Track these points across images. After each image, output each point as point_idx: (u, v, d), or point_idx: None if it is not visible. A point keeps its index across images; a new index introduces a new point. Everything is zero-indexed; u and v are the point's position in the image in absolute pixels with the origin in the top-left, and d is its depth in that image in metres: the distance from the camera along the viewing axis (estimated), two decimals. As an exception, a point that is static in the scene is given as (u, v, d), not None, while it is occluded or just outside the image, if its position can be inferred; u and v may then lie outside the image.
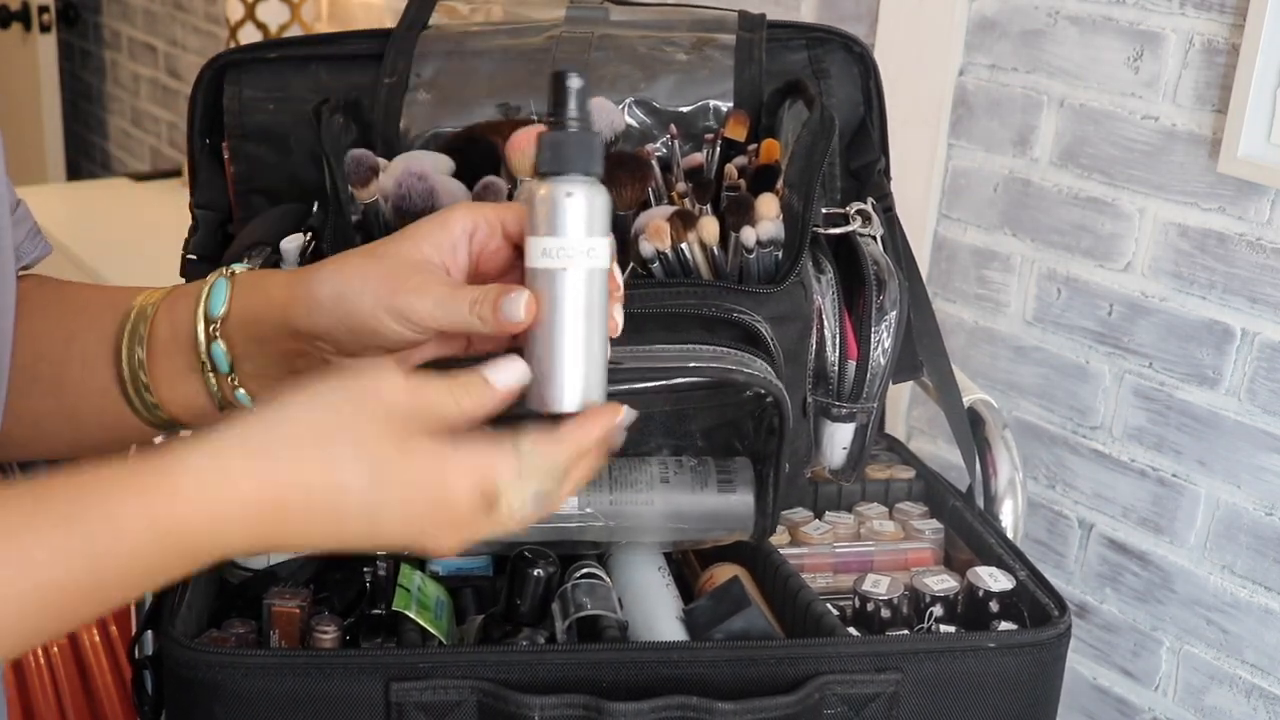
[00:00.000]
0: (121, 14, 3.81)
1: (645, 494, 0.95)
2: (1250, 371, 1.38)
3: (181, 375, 0.79)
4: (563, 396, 0.75)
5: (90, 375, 0.80)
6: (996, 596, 0.99)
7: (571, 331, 0.75)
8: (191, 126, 1.12)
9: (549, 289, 0.74)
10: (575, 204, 0.74)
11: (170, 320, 0.79)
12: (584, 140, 0.75)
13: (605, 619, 0.94)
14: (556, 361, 0.75)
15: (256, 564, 1.02)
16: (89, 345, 0.81)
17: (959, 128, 1.62)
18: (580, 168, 0.75)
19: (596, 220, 0.75)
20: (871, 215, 1.04)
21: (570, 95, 0.75)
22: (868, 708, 0.91)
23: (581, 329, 0.75)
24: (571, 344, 0.75)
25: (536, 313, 0.74)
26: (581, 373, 0.75)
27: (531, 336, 0.75)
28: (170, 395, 0.80)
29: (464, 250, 0.77)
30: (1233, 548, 1.42)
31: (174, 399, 0.80)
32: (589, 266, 0.74)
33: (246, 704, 0.87)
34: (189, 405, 0.80)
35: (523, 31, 1.13)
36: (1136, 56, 1.43)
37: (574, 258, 0.74)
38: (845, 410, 0.99)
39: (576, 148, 0.75)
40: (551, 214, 0.74)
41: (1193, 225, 1.41)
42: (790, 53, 1.14)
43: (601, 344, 0.76)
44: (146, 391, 0.79)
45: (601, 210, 0.75)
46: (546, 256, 0.74)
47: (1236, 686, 1.43)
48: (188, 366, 0.79)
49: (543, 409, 0.75)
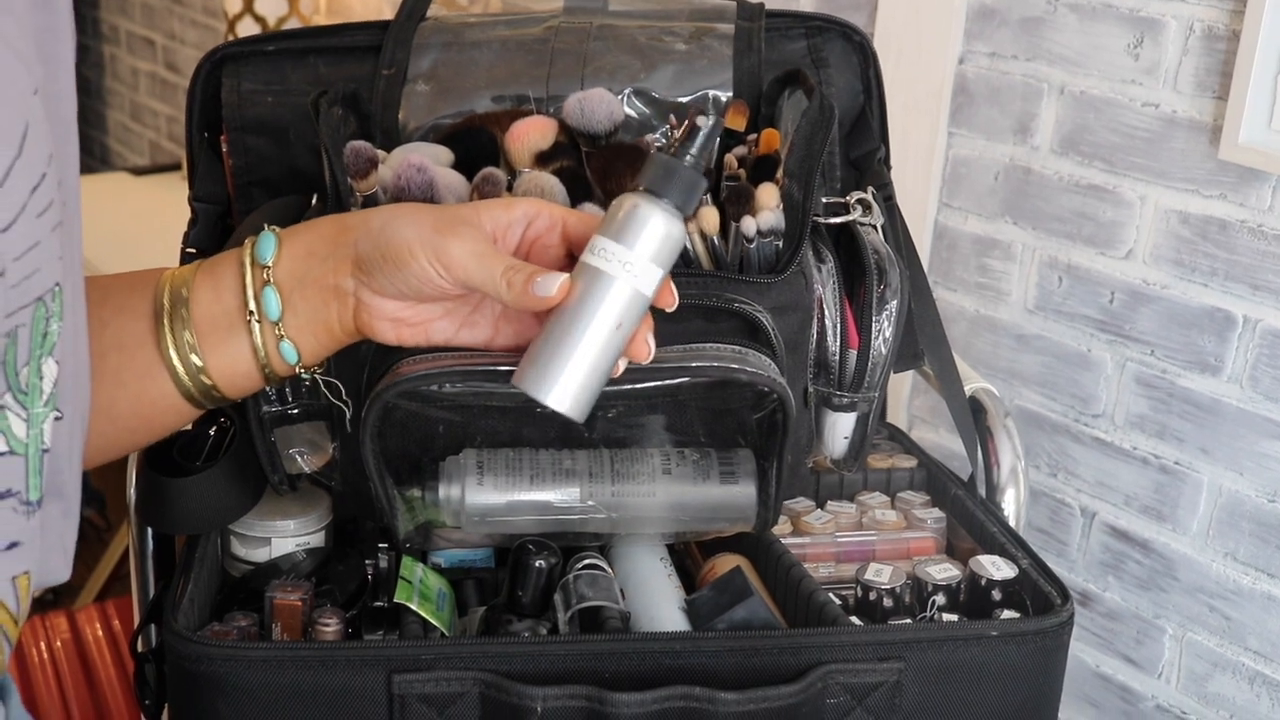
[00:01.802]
0: (120, 8, 3.81)
1: (647, 485, 0.95)
2: (1252, 358, 1.38)
3: (225, 341, 0.82)
4: (552, 389, 0.76)
5: (129, 360, 0.82)
6: (999, 585, 0.99)
7: (591, 335, 0.76)
8: (190, 120, 1.12)
9: (591, 287, 0.76)
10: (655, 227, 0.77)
11: (213, 285, 0.82)
12: (691, 178, 0.78)
13: (607, 610, 0.94)
14: (563, 355, 0.76)
15: (258, 557, 1.02)
16: (124, 330, 0.82)
17: (959, 116, 1.61)
18: (676, 200, 0.78)
19: (665, 252, 0.78)
20: (872, 204, 1.03)
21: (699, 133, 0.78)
22: (870, 697, 0.91)
23: (600, 338, 0.76)
24: (585, 346, 0.76)
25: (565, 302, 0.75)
26: (580, 378, 0.76)
27: (552, 322, 0.76)
28: (218, 364, 0.82)
29: (518, 232, 0.80)
30: (1235, 535, 1.42)
31: (221, 368, 0.82)
32: (637, 287, 0.77)
33: (249, 697, 0.87)
34: (233, 373, 0.83)
35: (521, 23, 1.13)
36: (1137, 43, 1.42)
37: (628, 271, 0.76)
38: (847, 400, 0.99)
39: (683, 181, 0.78)
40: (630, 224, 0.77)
41: (1194, 212, 1.40)
42: (789, 42, 1.14)
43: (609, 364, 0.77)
44: (203, 375, 0.82)
45: (674, 246, 0.78)
46: (603, 258, 0.77)
47: (1239, 673, 1.43)
48: (231, 328, 0.81)
49: (528, 391, 0.76)
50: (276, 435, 0.96)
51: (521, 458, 0.95)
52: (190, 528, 0.99)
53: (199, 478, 0.97)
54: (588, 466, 0.95)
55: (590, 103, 1.04)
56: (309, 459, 0.98)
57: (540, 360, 0.76)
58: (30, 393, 0.66)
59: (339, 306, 0.81)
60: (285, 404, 0.95)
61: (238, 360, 0.82)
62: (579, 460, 0.95)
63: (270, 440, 0.96)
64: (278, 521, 1.02)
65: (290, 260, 0.81)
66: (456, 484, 0.93)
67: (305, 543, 1.03)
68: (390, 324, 0.81)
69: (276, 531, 1.02)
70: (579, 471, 0.94)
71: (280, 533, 1.02)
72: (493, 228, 0.79)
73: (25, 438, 0.66)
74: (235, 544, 1.03)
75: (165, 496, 0.97)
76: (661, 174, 0.78)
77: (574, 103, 1.04)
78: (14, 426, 0.66)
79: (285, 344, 0.82)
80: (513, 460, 0.94)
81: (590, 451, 0.95)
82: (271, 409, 0.95)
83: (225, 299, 0.82)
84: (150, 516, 1.01)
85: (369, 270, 0.79)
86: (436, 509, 0.94)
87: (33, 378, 0.66)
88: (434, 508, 0.94)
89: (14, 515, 0.66)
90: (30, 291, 0.64)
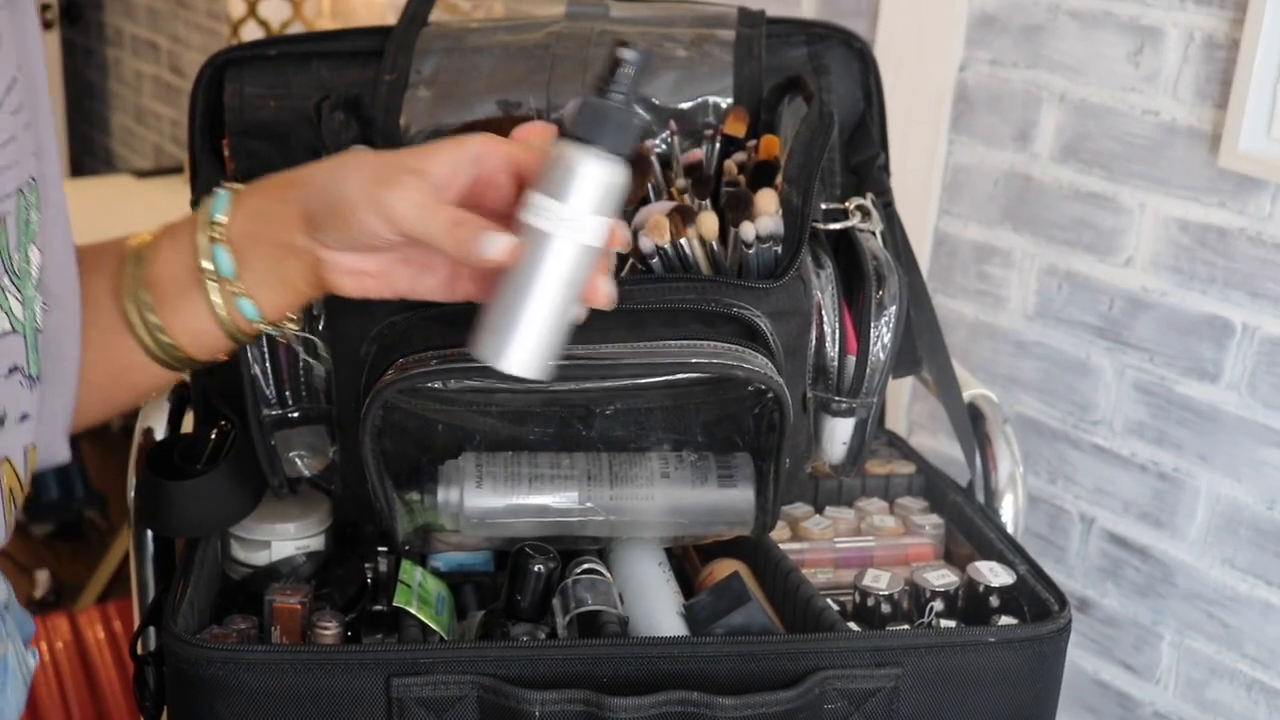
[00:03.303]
0: (124, 11, 3.81)
1: (646, 489, 0.95)
2: (1250, 366, 1.38)
3: (183, 299, 0.82)
4: (508, 355, 0.73)
5: (95, 317, 0.83)
6: (997, 591, 0.99)
7: (540, 296, 0.72)
8: (193, 123, 1.12)
9: (535, 248, 0.72)
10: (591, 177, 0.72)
11: (172, 245, 0.83)
12: (622, 118, 0.72)
13: (606, 614, 0.94)
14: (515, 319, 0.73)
15: (258, 560, 1.02)
16: (90, 289, 0.83)
17: (959, 123, 1.62)
18: (609, 144, 0.72)
19: (608, 200, 0.72)
20: (871, 210, 1.04)
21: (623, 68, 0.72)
22: (868, 702, 0.91)
23: (550, 298, 0.72)
24: (535, 308, 0.73)
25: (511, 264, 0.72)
26: (535, 340, 0.73)
27: (501, 286, 0.73)
28: (176, 321, 0.83)
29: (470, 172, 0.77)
30: (1233, 542, 1.42)
31: (182, 327, 0.83)
32: (581, 241, 0.72)
33: (248, 700, 0.87)
34: (195, 331, 0.83)
35: (523, 28, 1.13)
36: (1137, 51, 1.43)
37: (569, 227, 0.72)
38: (845, 405, 0.99)
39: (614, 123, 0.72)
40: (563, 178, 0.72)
41: (1193, 220, 1.41)
42: (790, 49, 1.14)
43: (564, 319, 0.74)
44: (161, 333, 0.83)
45: (616, 192, 0.72)
46: (542, 216, 0.72)
47: (1237, 680, 1.44)
48: (189, 286, 0.82)
49: (485, 360, 0.73)
50: (277, 438, 0.96)
51: (520, 461, 0.95)
52: (190, 530, 1.00)
53: (199, 481, 0.98)
54: (586, 470, 0.95)
55: (591, 109, 1.04)
56: (309, 462, 0.98)
57: (493, 326, 0.73)
58: (22, 276, 0.74)
59: (297, 263, 0.81)
60: (285, 407, 0.96)
61: (197, 317, 0.83)
62: (577, 463, 0.95)
63: (270, 443, 0.96)
64: (277, 525, 1.03)
65: (243, 218, 0.81)
66: (455, 487, 0.94)
67: (305, 546, 1.03)
68: (350, 277, 0.80)
69: (276, 535, 1.02)
70: (577, 475, 0.95)
71: (280, 536, 1.02)
72: (441, 171, 0.76)
73: (23, 318, 0.75)
74: (235, 547, 1.03)
75: (165, 499, 0.98)
76: (590, 118, 0.72)
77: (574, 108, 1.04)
78: (13, 307, 0.74)
79: (243, 300, 0.82)
80: (511, 464, 0.95)
81: (589, 455, 0.95)
82: (272, 412, 0.95)
83: (184, 258, 0.82)
84: (150, 519, 1.01)
85: (318, 226, 0.78)
86: (435, 512, 0.94)
87: (23, 263, 0.74)
88: (433, 511, 0.94)
89: (21, 389, 0.75)
90: (11, 182, 0.72)
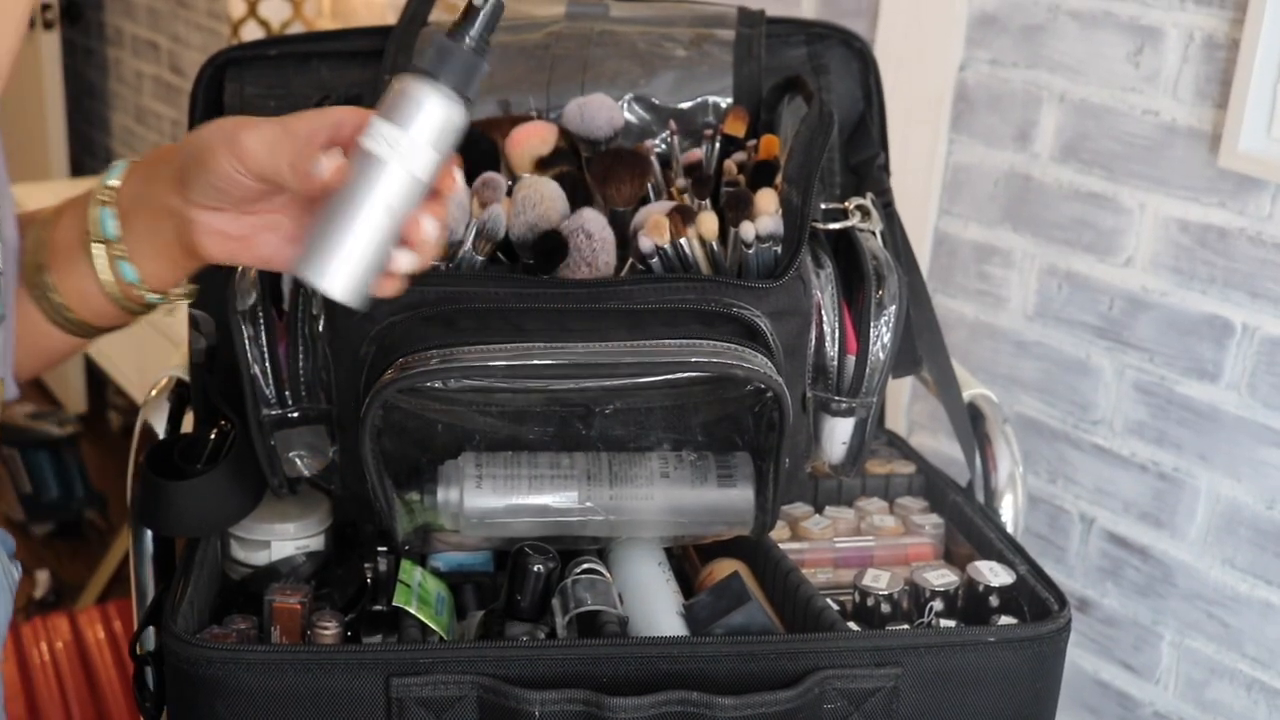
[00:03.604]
0: (124, 11, 3.81)
1: (645, 489, 0.95)
2: (1250, 366, 1.38)
3: (73, 263, 0.84)
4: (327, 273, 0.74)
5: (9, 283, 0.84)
6: (996, 591, 0.99)
7: (360, 218, 0.74)
8: (193, 123, 1.12)
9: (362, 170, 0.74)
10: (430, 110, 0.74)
11: (74, 212, 0.85)
12: (469, 61, 0.74)
13: (605, 614, 0.94)
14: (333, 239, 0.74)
15: (258, 560, 1.02)
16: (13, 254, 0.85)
17: (959, 123, 1.62)
18: (452, 82, 0.74)
19: (444, 138, 0.74)
20: (870, 210, 1.04)
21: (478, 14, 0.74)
22: (868, 702, 0.91)
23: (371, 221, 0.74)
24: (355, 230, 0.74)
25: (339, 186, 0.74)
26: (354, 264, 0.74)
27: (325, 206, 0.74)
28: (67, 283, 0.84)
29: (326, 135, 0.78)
30: (1233, 541, 1.42)
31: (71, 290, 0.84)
32: (413, 172, 0.74)
33: (247, 700, 0.87)
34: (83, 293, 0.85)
35: (523, 28, 1.13)
36: (1137, 51, 1.43)
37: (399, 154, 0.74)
38: (845, 405, 0.99)
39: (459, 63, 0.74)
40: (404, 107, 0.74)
41: (1193, 220, 1.41)
42: (790, 48, 1.14)
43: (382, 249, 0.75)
44: (54, 293, 0.84)
45: (453, 131, 0.74)
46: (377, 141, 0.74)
47: (1237, 680, 1.44)
48: (79, 250, 0.84)
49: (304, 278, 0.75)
50: (276, 439, 0.96)
51: (520, 461, 0.95)
52: (190, 530, 1.00)
53: (199, 480, 0.98)
54: (586, 470, 0.95)
55: (590, 108, 1.04)
56: (309, 462, 0.98)
57: (313, 244, 0.75)
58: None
59: (170, 225, 0.82)
60: (285, 407, 0.96)
61: (84, 280, 0.84)
62: (577, 463, 0.95)
63: (270, 444, 0.96)
64: (277, 525, 1.03)
65: (133, 183, 0.83)
66: (455, 487, 0.94)
67: (305, 546, 1.03)
68: (216, 238, 0.82)
69: (276, 535, 1.02)
70: (577, 475, 0.95)
71: (280, 536, 1.02)
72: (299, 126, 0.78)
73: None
74: (235, 547, 1.03)
75: (165, 499, 0.98)
76: (436, 55, 0.73)
77: (574, 108, 1.05)
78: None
79: (124, 263, 0.83)
80: (511, 464, 0.95)
81: (588, 455, 0.95)
82: (271, 412, 0.95)
83: (79, 223, 0.84)
84: (150, 519, 1.01)
85: (186, 182, 0.80)
86: (435, 512, 0.94)
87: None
88: (432, 511, 0.94)
89: None
90: None
